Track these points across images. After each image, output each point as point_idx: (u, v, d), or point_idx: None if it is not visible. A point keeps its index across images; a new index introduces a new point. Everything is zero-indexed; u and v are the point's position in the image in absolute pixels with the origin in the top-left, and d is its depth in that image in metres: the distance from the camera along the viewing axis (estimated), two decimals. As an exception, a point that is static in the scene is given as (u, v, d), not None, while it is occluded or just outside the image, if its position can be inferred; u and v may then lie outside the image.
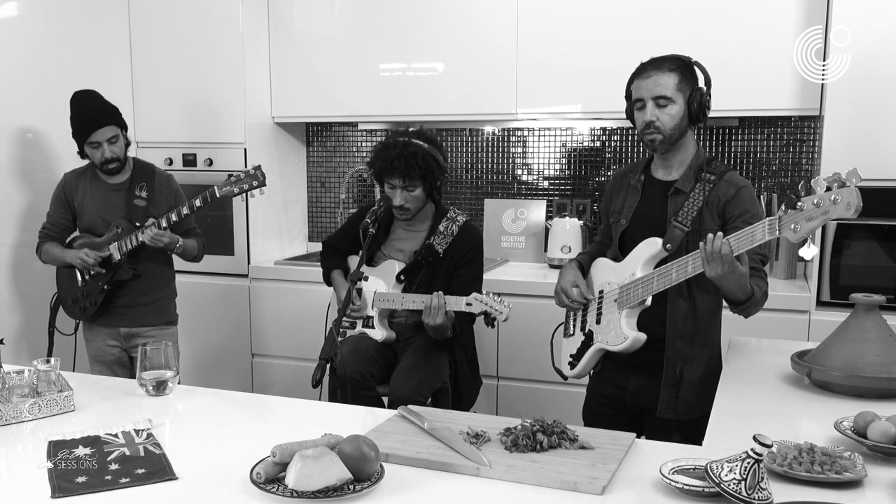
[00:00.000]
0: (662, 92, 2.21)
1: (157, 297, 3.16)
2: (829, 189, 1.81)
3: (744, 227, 2.19)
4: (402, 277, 2.86)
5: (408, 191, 2.80)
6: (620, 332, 2.26)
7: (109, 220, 3.05)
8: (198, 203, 2.97)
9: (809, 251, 1.89)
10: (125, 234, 3.00)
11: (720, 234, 2.01)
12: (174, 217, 2.96)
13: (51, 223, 3.16)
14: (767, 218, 1.93)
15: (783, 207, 1.88)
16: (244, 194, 2.97)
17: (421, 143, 2.80)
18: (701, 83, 2.25)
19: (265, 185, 2.97)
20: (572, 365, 2.43)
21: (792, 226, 1.86)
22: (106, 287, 3.03)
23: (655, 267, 2.22)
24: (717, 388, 2.06)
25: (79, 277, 3.10)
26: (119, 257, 3.00)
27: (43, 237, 3.16)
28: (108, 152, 2.99)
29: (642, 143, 2.30)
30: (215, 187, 2.96)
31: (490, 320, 2.68)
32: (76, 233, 3.16)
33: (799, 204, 1.84)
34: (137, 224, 2.98)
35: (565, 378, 2.49)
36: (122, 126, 3.06)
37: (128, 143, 3.10)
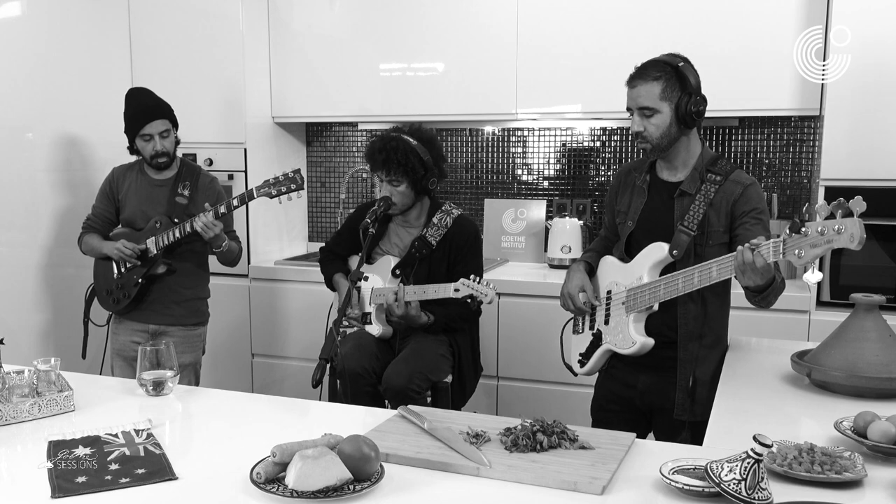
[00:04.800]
0: (645, 103, 2.21)
1: (190, 297, 3.17)
2: (832, 216, 1.81)
3: (751, 222, 2.19)
4: (398, 272, 2.88)
5: (392, 185, 2.84)
6: (629, 337, 2.27)
7: (150, 215, 3.08)
8: (235, 203, 2.97)
9: (814, 276, 1.90)
10: (163, 228, 3.02)
11: (748, 246, 1.96)
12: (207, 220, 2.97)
13: (94, 215, 3.21)
14: (772, 239, 1.94)
15: (787, 231, 1.89)
16: (280, 197, 2.97)
17: (409, 139, 2.83)
18: (690, 87, 2.20)
19: (303, 188, 2.98)
20: (582, 363, 2.45)
21: (796, 251, 1.87)
22: (140, 280, 3.05)
23: (662, 271, 2.24)
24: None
25: (115, 269, 3.12)
26: (155, 252, 3.02)
27: (86, 228, 3.21)
28: (160, 145, 3.03)
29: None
30: (253, 188, 2.96)
31: (476, 304, 2.73)
32: (119, 227, 3.19)
33: (803, 229, 1.85)
34: (176, 220, 3.00)
35: (575, 374, 2.51)
36: (174, 123, 3.11)
37: (177, 142, 3.13)
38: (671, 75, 2.21)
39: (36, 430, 1.78)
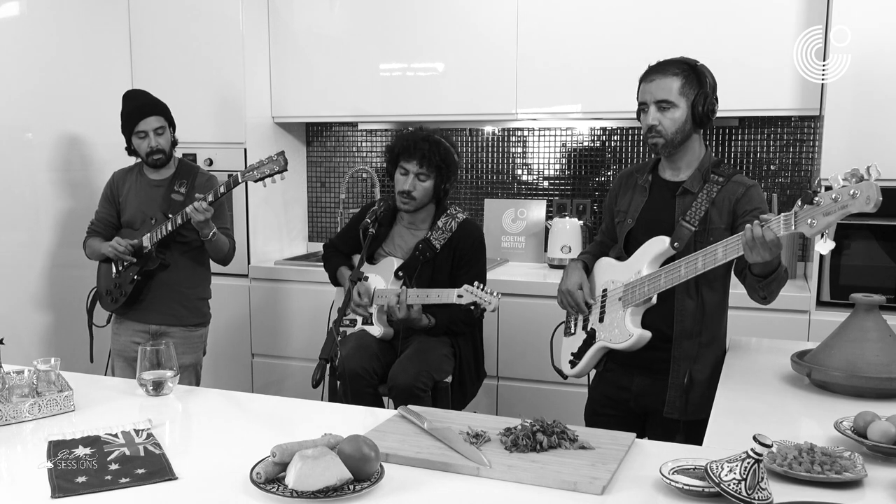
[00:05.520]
0: (664, 96, 2.22)
1: (191, 297, 3.17)
2: (846, 184, 1.79)
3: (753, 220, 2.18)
4: (401, 274, 2.87)
5: (419, 179, 2.85)
6: (625, 330, 2.25)
7: (150, 215, 3.09)
8: (221, 189, 2.97)
9: (826, 245, 1.86)
10: (158, 224, 3.03)
11: (757, 221, 1.95)
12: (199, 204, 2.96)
13: (97, 219, 3.23)
14: (783, 213, 1.91)
15: (799, 203, 1.86)
16: (265, 180, 2.96)
17: (442, 139, 2.90)
18: (707, 86, 2.24)
19: (286, 169, 2.97)
20: (573, 364, 2.42)
21: (808, 220, 1.83)
22: (136, 277, 3.06)
23: (661, 265, 2.22)
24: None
25: (113, 269, 3.14)
26: (150, 247, 3.03)
27: (90, 233, 3.23)
28: (154, 142, 3.05)
29: (647, 145, 2.30)
30: (238, 173, 2.97)
31: (479, 311, 2.72)
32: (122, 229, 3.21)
33: (816, 199, 1.82)
34: (170, 216, 3.00)
35: (565, 377, 2.49)
36: (170, 121, 3.12)
37: (175, 142, 3.15)
38: (689, 73, 2.23)
39: (36, 430, 1.78)
